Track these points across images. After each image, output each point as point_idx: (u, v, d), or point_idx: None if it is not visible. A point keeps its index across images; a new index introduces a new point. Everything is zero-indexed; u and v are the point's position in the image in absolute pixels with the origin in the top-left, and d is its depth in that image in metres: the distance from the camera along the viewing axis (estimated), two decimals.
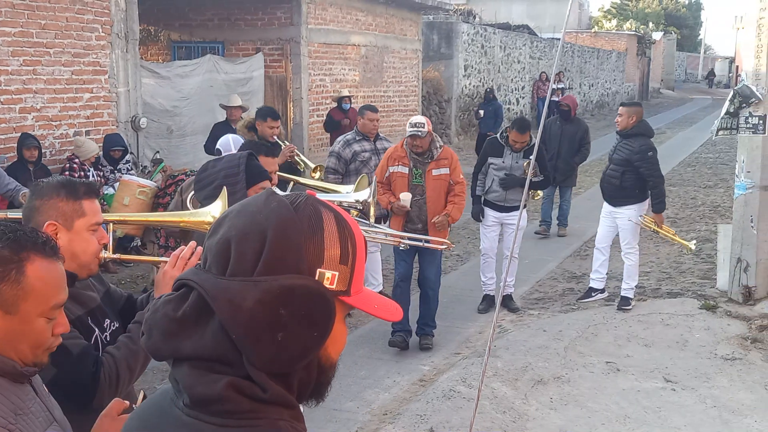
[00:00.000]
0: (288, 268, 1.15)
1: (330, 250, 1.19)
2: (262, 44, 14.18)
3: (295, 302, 1.15)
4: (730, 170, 16.61)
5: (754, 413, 5.42)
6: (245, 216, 1.20)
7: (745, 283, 7.45)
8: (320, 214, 1.20)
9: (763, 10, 7.26)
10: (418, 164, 6.59)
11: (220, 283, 1.16)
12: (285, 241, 1.16)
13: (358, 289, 1.23)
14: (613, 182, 7.43)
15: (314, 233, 1.18)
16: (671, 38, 61.00)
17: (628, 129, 7.46)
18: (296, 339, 1.16)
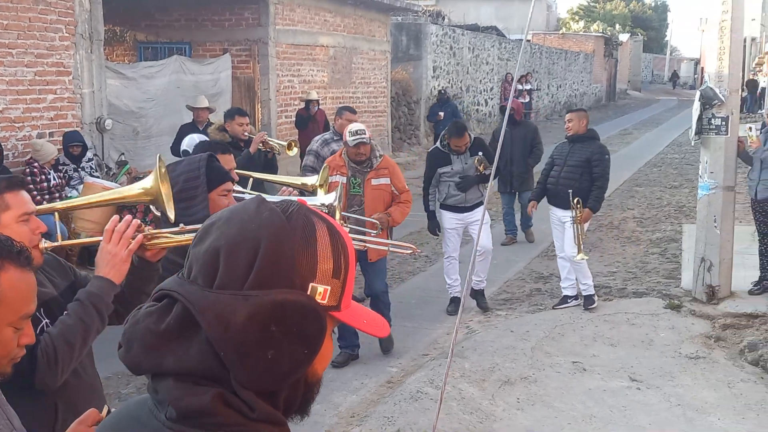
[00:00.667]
0: (280, 281, 1.11)
1: (323, 263, 1.14)
2: (229, 45, 14.11)
3: (287, 319, 1.10)
4: (695, 170, 16.80)
5: (718, 411, 5.48)
6: (235, 225, 1.14)
7: (709, 282, 7.54)
8: (313, 226, 1.16)
9: (725, 12, 7.35)
10: (356, 173, 6.43)
11: (207, 297, 1.10)
12: (278, 254, 1.11)
13: (347, 304, 1.19)
14: (570, 185, 7.45)
15: (307, 245, 1.14)
16: (638, 40, 61.70)
17: (581, 133, 7.55)
18: (287, 356, 1.12)
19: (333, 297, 1.15)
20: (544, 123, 30.80)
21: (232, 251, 1.12)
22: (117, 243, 2.46)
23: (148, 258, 2.57)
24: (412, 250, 3.76)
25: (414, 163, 18.90)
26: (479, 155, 7.47)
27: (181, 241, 2.49)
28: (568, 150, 7.64)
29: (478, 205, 7.56)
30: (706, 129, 7.46)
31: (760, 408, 5.50)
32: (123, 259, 2.48)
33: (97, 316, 2.47)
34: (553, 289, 8.32)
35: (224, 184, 3.24)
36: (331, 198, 3.62)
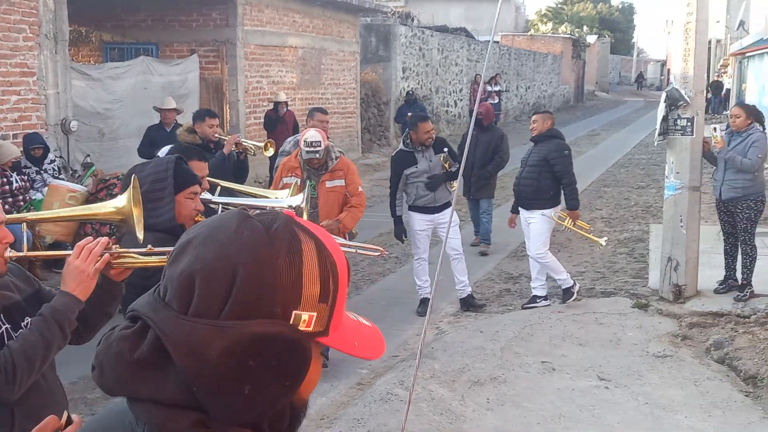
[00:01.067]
0: (259, 312, 1.02)
1: (309, 288, 1.05)
2: (197, 46, 14.01)
3: (267, 352, 1.02)
4: (661, 171, 16.97)
5: (685, 409, 5.53)
6: (213, 246, 1.05)
7: (676, 281, 7.61)
8: (299, 245, 1.06)
9: (690, 14, 7.44)
10: (311, 175, 6.33)
11: (182, 326, 1.02)
12: (257, 281, 1.02)
13: (337, 325, 1.10)
14: (530, 184, 7.53)
15: (292, 269, 1.04)
16: (605, 41, 62.35)
17: (542, 133, 7.63)
18: (265, 391, 1.04)
19: (319, 323, 1.07)
20: (513, 124, 30.99)
21: (208, 277, 1.03)
22: (85, 259, 2.43)
23: (112, 277, 2.54)
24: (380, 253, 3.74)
25: (384, 164, 18.90)
26: (444, 153, 7.49)
27: (147, 262, 2.47)
28: (530, 151, 7.72)
29: (447, 205, 7.58)
30: (672, 130, 7.54)
31: (726, 406, 5.56)
32: (90, 275, 2.45)
33: (59, 333, 2.43)
34: (523, 289, 8.36)
35: (192, 187, 3.22)
36: (299, 200, 3.60)
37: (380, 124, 21.05)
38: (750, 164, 7.30)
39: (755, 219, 7.53)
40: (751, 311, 7.08)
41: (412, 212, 7.61)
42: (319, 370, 1.13)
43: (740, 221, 7.48)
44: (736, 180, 7.42)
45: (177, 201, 3.16)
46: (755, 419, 5.36)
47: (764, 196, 7.70)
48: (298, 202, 3.58)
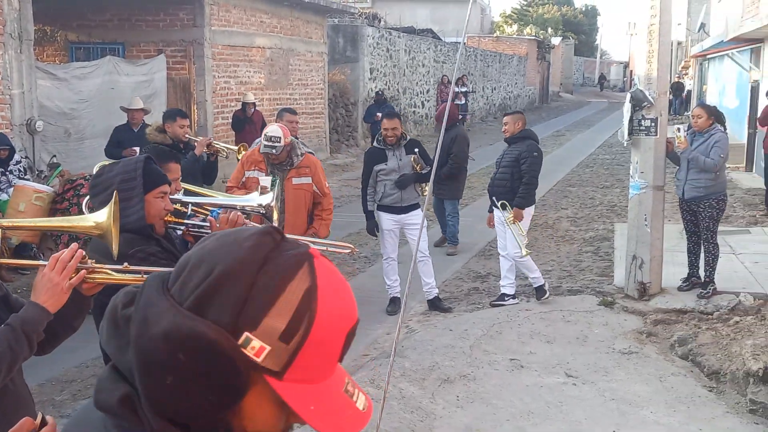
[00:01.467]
0: (213, 314, 1.02)
1: (273, 319, 1.02)
2: (164, 46, 13.92)
3: (197, 354, 1.01)
4: (625, 171, 17.24)
5: (650, 404, 5.63)
6: (218, 243, 1.07)
7: (641, 279, 7.74)
8: (291, 277, 1.04)
9: (653, 17, 7.57)
10: (276, 171, 6.23)
11: (156, 295, 1.05)
12: (226, 286, 1.02)
13: (300, 378, 1.05)
14: (504, 185, 7.60)
15: (267, 293, 1.02)
16: (569, 43, 62.97)
17: (515, 134, 7.70)
18: (187, 393, 1.03)
19: (273, 360, 1.02)
20: (480, 125, 31.19)
21: (195, 265, 1.05)
22: (60, 272, 2.39)
23: (83, 291, 2.51)
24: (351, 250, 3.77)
25: (352, 164, 18.94)
26: (415, 154, 7.54)
27: (120, 279, 2.44)
28: (504, 151, 7.80)
29: (414, 206, 7.63)
30: (636, 130, 7.67)
31: (690, 401, 5.67)
32: (63, 289, 2.41)
33: (26, 345, 2.40)
34: (491, 288, 8.45)
35: (161, 187, 3.22)
36: (268, 198, 3.61)
37: (348, 125, 21.07)
38: (713, 164, 7.45)
39: (717, 218, 7.68)
40: (713, 308, 7.23)
41: (380, 211, 7.65)
42: (273, 416, 1.07)
43: (703, 220, 7.63)
44: (698, 180, 7.57)
45: (146, 201, 3.16)
46: (719, 414, 5.48)
47: (726, 195, 7.87)
48: (268, 200, 3.59)
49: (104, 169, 3.14)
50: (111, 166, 3.21)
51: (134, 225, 3.06)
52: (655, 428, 5.27)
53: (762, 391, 5.50)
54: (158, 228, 3.24)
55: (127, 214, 3.01)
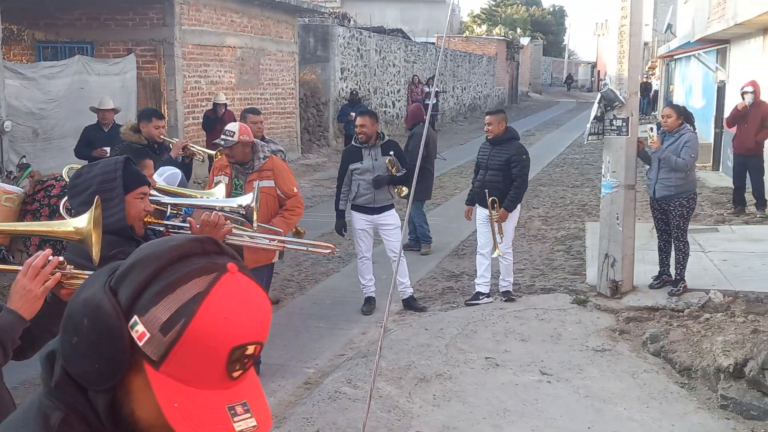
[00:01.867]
0: (121, 294, 1.13)
1: (159, 310, 1.10)
2: (133, 45, 13.80)
3: (95, 323, 1.12)
4: (595, 170, 17.43)
5: (623, 401, 5.70)
6: (159, 240, 1.20)
7: (613, 277, 7.83)
8: (189, 279, 1.12)
9: (624, 18, 7.67)
10: (239, 174, 6.16)
11: (100, 273, 1.19)
12: (135, 271, 1.13)
13: (175, 374, 1.11)
14: (497, 186, 7.61)
15: (163, 285, 1.12)
16: (538, 44, 63.43)
17: (500, 135, 7.71)
18: (82, 355, 1.14)
19: (151, 347, 1.10)
20: (450, 125, 31.30)
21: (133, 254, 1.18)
22: (33, 279, 2.36)
23: (62, 296, 2.48)
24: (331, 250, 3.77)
25: (324, 164, 18.92)
26: (391, 156, 7.56)
27: None
28: (490, 152, 7.76)
29: (387, 207, 7.64)
30: (608, 130, 7.75)
31: (663, 397, 5.75)
32: (37, 296, 2.38)
33: (1, 352, 2.38)
34: (465, 287, 8.49)
35: (141, 188, 3.20)
36: (248, 199, 3.60)
37: (319, 125, 21.04)
38: (684, 164, 7.56)
39: (687, 216, 7.79)
40: (684, 305, 7.33)
41: (353, 211, 7.66)
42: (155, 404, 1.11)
43: (673, 218, 7.73)
44: (669, 179, 7.67)
45: (126, 202, 3.14)
46: (691, 409, 5.56)
47: (695, 194, 7.99)
48: (248, 201, 3.58)
49: (83, 169, 3.11)
50: (89, 167, 3.17)
51: (115, 226, 3.04)
52: (629, 424, 5.34)
53: (732, 386, 5.59)
54: (138, 229, 3.22)
55: (108, 215, 2.98)
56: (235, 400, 1.13)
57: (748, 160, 11.79)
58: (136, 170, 3.30)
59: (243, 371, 1.14)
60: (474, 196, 8.02)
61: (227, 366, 1.11)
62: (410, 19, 44.06)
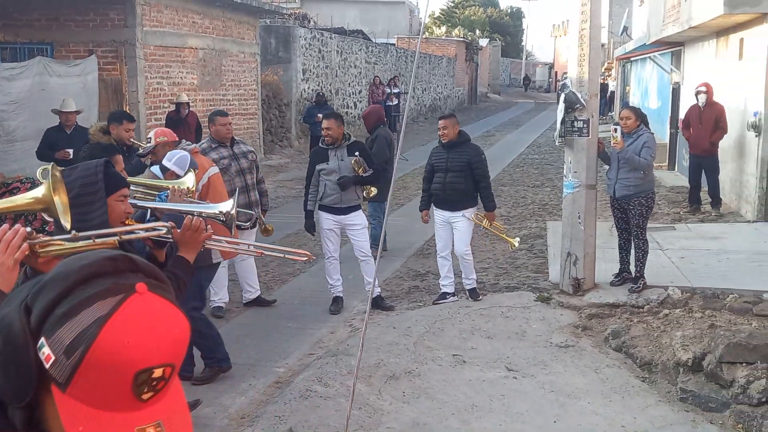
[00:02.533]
0: (33, 314, 1.12)
1: (64, 332, 1.09)
2: (94, 46, 13.68)
3: (8, 342, 1.12)
4: (554, 170, 17.71)
5: (587, 396, 5.84)
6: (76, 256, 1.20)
7: (575, 275, 8.00)
8: (93, 301, 1.11)
9: (584, 22, 7.85)
10: None
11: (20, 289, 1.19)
12: (45, 291, 1.13)
13: (81, 397, 1.09)
14: (457, 188, 7.76)
15: (68, 307, 1.10)
16: (496, 45, 63.92)
17: (455, 139, 7.86)
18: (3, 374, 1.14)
19: (56, 370, 1.09)
20: (411, 125, 31.40)
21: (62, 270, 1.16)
22: (4, 252, 2.37)
23: (39, 267, 2.50)
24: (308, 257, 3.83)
25: (287, 165, 18.93)
26: (357, 157, 7.64)
27: (75, 248, 2.44)
28: (447, 155, 7.86)
29: (354, 208, 7.73)
30: (570, 131, 7.93)
31: (624, 391, 5.91)
32: (9, 267, 2.39)
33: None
34: (431, 286, 8.61)
35: (122, 190, 3.24)
36: (228, 206, 3.65)
37: (282, 126, 21.02)
38: (646, 163, 7.77)
39: (646, 215, 8.00)
40: (644, 302, 7.52)
41: (321, 211, 7.73)
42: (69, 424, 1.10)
43: (633, 217, 7.93)
44: (628, 179, 7.87)
45: (108, 204, 3.18)
46: (651, 402, 5.73)
47: (654, 193, 8.20)
48: (228, 208, 3.63)
49: (63, 173, 3.14)
50: (69, 170, 3.21)
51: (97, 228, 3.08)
52: (593, 418, 5.48)
53: (691, 380, 5.77)
54: None
55: (90, 218, 3.02)
56: (147, 422, 1.11)
57: (703, 160, 12.09)
58: (117, 173, 3.34)
59: (154, 393, 1.11)
60: (430, 199, 8.08)
61: (134, 389, 1.09)
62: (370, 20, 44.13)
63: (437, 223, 7.99)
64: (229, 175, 7.35)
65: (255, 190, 7.62)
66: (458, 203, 7.79)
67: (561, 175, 9.01)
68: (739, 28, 12.17)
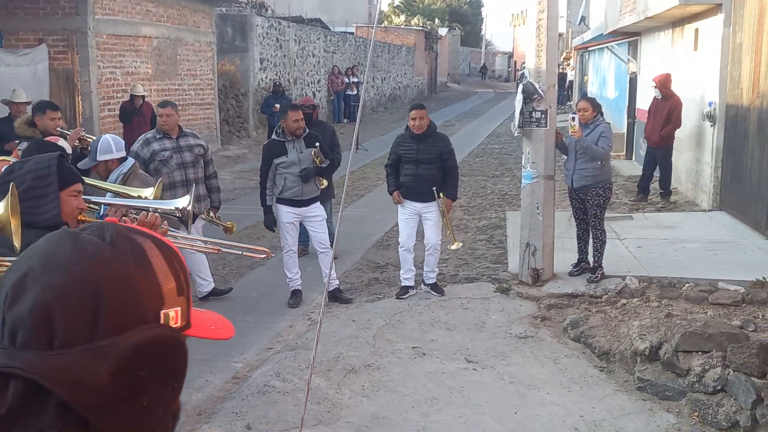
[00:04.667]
0: (132, 320, 0.99)
1: (166, 285, 1.04)
2: (45, 35, 13.37)
3: (154, 358, 1.00)
4: (514, 160, 17.76)
5: (546, 386, 5.86)
6: (59, 272, 0.98)
7: (534, 266, 8.02)
8: (141, 247, 1.04)
9: (541, 12, 7.84)
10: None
11: (51, 362, 0.94)
12: (121, 291, 0.99)
13: (192, 314, 1.10)
14: (431, 180, 7.67)
15: (146, 271, 1.02)
16: (456, 34, 64.02)
17: (425, 130, 7.74)
18: (161, 398, 1.02)
19: (183, 316, 1.06)
20: (371, 115, 31.35)
21: (67, 303, 0.96)
22: None
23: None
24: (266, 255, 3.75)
25: (244, 156, 18.74)
26: (316, 148, 7.55)
27: None
28: (417, 146, 7.69)
29: (314, 200, 7.65)
30: (528, 122, 7.92)
31: (583, 381, 5.94)
32: None
33: None
34: (390, 278, 8.56)
35: (75, 185, 3.16)
36: (185, 202, 3.56)
37: (239, 116, 20.80)
38: (603, 153, 7.81)
39: (604, 205, 8.04)
40: (602, 292, 7.57)
41: (279, 204, 7.62)
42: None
43: (590, 207, 7.97)
44: (586, 169, 7.90)
45: (60, 199, 3.10)
46: (610, 392, 5.76)
47: (611, 184, 8.25)
48: (185, 204, 3.54)
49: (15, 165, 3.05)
50: (21, 163, 3.12)
51: (49, 222, 2.98)
52: (552, 408, 5.50)
53: (648, 369, 5.82)
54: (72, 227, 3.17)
55: (42, 212, 2.94)
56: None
57: (656, 151, 12.22)
58: (71, 168, 3.26)
59: None
60: (398, 182, 7.86)
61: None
62: (328, 8, 43.93)
63: (404, 215, 7.87)
64: (169, 167, 7.25)
65: (199, 185, 7.43)
66: (432, 195, 7.69)
67: (520, 165, 9.01)
68: (694, 18, 12.29)
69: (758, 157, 9.67)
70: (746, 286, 7.21)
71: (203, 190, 7.53)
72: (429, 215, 7.75)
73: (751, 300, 6.97)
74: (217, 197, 7.77)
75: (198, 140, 7.72)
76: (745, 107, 10.17)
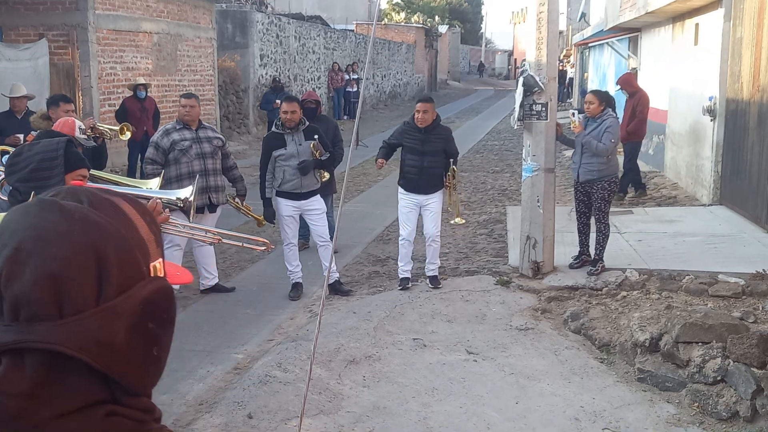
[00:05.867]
0: (133, 277, 1.03)
1: (148, 237, 1.08)
2: (45, 30, 13.37)
3: (159, 310, 1.05)
4: (514, 156, 17.78)
5: (547, 377, 5.87)
6: (57, 241, 0.98)
7: (534, 258, 8.03)
8: (119, 206, 1.07)
9: (542, 5, 7.84)
10: None
11: (70, 329, 0.96)
12: (120, 252, 1.01)
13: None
14: (436, 172, 7.69)
15: (130, 228, 1.05)
16: (456, 32, 64.01)
17: (429, 124, 7.73)
18: (166, 344, 1.08)
19: (163, 266, 1.11)
20: (371, 112, 31.37)
21: (72, 270, 0.97)
22: None
23: None
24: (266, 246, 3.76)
25: (245, 152, 18.74)
26: (315, 140, 7.56)
27: None
28: (423, 139, 7.67)
29: (313, 192, 7.66)
30: (528, 115, 7.92)
31: (583, 372, 5.95)
32: None
33: None
34: (391, 271, 8.57)
35: (80, 170, 3.19)
36: (188, 192, 3.58)
37: (239, 112, 20.80)
38: (604, 149, 7.78)
39: (609, 199, 8.02)
40: (602, 284, 7.58)
41: (279, 197, 7.62)
42: None
43: (595, 201, 7.94)
44: (591, 163, 7.89)
45: (65, 182, 3.13)
46: (610, 383, 5.77)
47: (617, 178, 8.24)
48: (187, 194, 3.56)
49: (23, 147, 3.07)
50: (30, 145, 3.15)
51: None
52: (552, 399, 5.51)
53: (648, 360, 5.83)
54: None
55: None
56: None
57: (624, 147, 12.32)
58: (77, 152, 3.29)
59: None
60: (388, 153, 8.00)
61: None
62: (327, 6, 43.92)
63: (405, 207, 7.87)
64: (188, 157, 7.33)
65: (217, 176, 7.58)
66: (434, 187, 7.71)
67: (520, 160, 9.04)
68: (694, 13, 12.29)
69: (758, 151, 9.67)
70: (746, 278, 7.23)
71: (221, 180, 7.64)
72: (430, 206, 7.76)
73: (751, 292, 6.98)
74: (242, 186, 7.91)
75: (216, 134, 7.83)
76: (745, 102, 10.18)
